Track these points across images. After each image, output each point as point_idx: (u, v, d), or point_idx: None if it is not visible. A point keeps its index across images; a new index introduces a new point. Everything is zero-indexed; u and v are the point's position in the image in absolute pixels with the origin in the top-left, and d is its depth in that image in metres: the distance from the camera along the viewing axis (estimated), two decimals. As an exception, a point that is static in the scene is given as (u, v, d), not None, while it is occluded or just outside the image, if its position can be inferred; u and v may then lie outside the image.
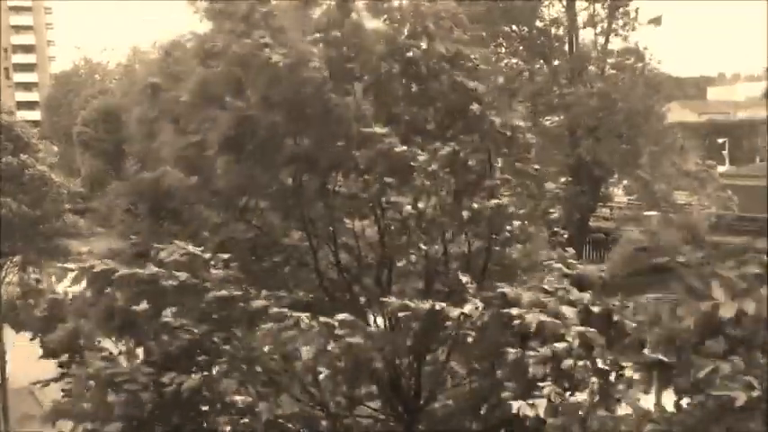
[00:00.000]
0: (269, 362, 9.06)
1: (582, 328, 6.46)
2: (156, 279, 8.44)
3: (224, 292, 8.52)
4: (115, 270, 8.58)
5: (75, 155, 73.17)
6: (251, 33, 9.14)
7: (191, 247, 8.79)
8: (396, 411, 10.27)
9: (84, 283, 9.01)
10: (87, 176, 67.10)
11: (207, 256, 8.79)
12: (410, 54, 9.34)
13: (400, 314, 7.69)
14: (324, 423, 10.08)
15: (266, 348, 8.56)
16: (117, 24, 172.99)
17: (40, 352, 10.68)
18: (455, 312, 7.40)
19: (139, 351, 9.88)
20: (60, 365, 10.31)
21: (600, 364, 6.18)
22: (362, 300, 10.40)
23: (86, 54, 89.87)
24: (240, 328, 8.77)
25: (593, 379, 5.71)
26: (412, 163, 8.89)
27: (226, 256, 9.02)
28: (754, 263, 5.37)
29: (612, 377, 6.10)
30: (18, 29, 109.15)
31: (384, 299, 8.03)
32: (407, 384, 10.13)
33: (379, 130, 8.92)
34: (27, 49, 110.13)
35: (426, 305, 7.52)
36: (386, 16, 9.72)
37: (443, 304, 7.56)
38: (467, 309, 7.40)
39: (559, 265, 8.43)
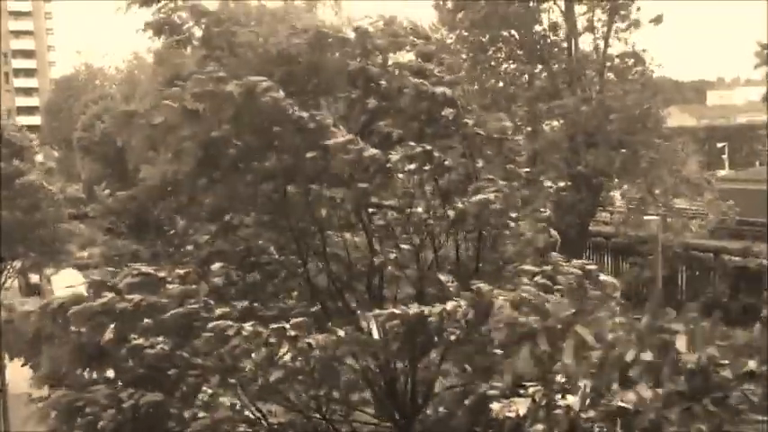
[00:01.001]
0: (242, 370, 9.06)
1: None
2: (110, 307, 8.49)
3: (180, 309, 8.56)
4: (70, 304, 8.65)
5: (76, 160, 73.23)
6: (214, 56, 9.27)
7: (143, 268, 8.85)
8: (391, 416, 10.25)
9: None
10: (87, 181, 67.18)
11: (162, 274, 8.84)
12: (369, 72, 9.47)
13: (390, 323, 7.64)
14: (319, 430, 10.05)
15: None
16: (118, 29, 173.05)
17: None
18: (437, 309, 7.41)
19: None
20: (50, 387, 10.37)
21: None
22: (354, 306, 10.38)
23: (87, 59, 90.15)
24: (205, 339, 8.76)
25: (584, 381, 5.64)
26: (388, 165, 8.92)
27: (182, 271, 9.05)
28: None
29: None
30: (18, 34, 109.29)
31: (373, 312, 7.96)
32: (403, 389, 10.11)
33: (342, 138, 8.93)
34: (27, 54, 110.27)
35: (413, 309, 7.53)
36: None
37: (429, 307, 7.57)
38: (449, 306, 7.42)
39: (530, 267, 8.44)
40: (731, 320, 22.97)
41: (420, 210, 9.74)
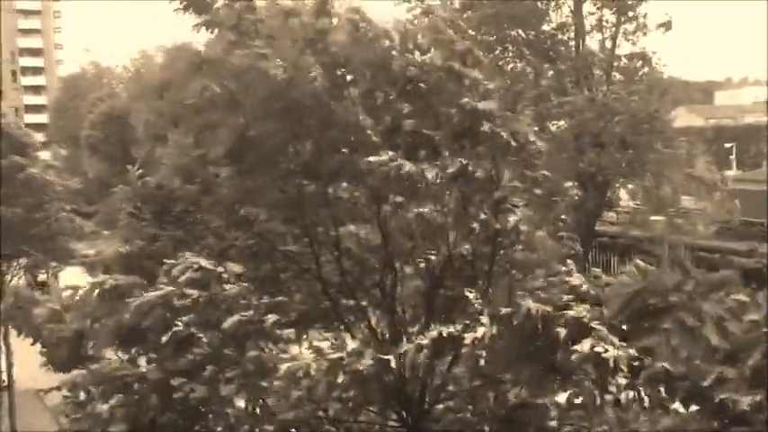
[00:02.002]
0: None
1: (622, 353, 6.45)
2: (168, 300, 8.42)
3: (236, 317, 8.47)
4: (124, 288, 8.59)
5: (82, 158, 73.40)
6: (243, 43, 9.06)
7: (203, 262, 8.72)
8: (400, 417, 10.21)
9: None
10: (94, 179, 67.33)
11: (220, 269, 8.72)
12: (409, 73, 9.20)
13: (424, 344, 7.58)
14: (327, 428, 10.01)
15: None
16: (125, 28, 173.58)
17: (42, 359, 10.76)
18: (469, 339, 7.33)
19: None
20: (63, 371, 10.40)
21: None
22: (365, 304, 10.34)
23: (95, 57, 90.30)
24: (253, 342, 8.74)
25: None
26: (419, 184, 8.81)
27: (238, 269, 8.96)
28: (738, 292, 5.56)
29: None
30: (26, 32, 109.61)
31: (427, 335, 7.90)
32: (412, 391, 10.07)
33: (384, 156, 8.76)
34: (35, 52, 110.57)
35: (437, 331, 7.50)
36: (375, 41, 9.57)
37: (457, 329, 7.51)
38: (479, 333, 7.35)
39: (569, 278, 8.35)
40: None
41: (437, 211, 9.67)
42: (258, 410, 9.48)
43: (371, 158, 8.73)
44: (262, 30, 9.33)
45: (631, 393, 6.15)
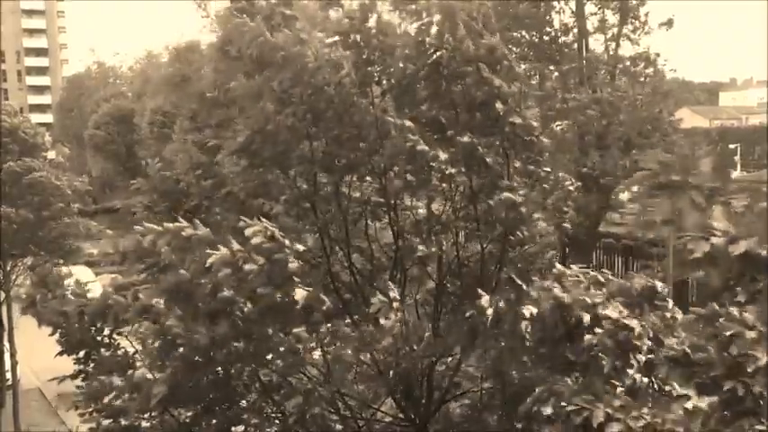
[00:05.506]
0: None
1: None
2: (236, 262, 8.03)
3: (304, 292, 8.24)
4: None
5: (87, 157, 73.57)
6: (272, 33, 9.03)
7: (276, 231, 8.17)
8: (407, 415, 10.21)
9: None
10: (98, 178, 67.50)
11: (287, 243, 8.15)
12: (436, 56, 9.11)
13: None
14: (338, 426, 10.01)
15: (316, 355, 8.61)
16: (129, 28, 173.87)
17: (55, 350, 10.81)
18: (528, 313, 7.39)
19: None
20: (77, 362, 10.49)
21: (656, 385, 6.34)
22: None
23: (99, 57, 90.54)
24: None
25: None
26: (432, 163, 8.78)
27: (301, 247, 8.67)
28: None
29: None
30: (31, 32, 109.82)
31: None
32: (419, 388, 10.07)
33: (407, 122, 8.75)
34: (39, 52, 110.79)
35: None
36: (412, 16, 9.54)
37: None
38: (533, 310, 7.41)
39: (594, 273, 8.33)
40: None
41: (446, 208, 9.69)
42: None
43: (391, 119, 8.74)
44: (292, 24, 9.32)
45: (645, 379, 6.22)
